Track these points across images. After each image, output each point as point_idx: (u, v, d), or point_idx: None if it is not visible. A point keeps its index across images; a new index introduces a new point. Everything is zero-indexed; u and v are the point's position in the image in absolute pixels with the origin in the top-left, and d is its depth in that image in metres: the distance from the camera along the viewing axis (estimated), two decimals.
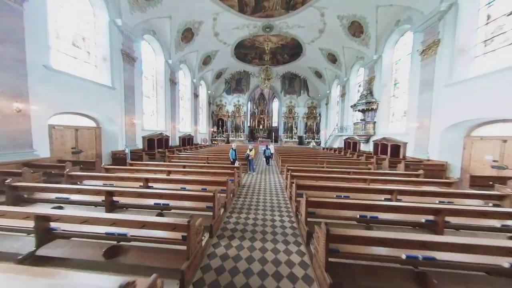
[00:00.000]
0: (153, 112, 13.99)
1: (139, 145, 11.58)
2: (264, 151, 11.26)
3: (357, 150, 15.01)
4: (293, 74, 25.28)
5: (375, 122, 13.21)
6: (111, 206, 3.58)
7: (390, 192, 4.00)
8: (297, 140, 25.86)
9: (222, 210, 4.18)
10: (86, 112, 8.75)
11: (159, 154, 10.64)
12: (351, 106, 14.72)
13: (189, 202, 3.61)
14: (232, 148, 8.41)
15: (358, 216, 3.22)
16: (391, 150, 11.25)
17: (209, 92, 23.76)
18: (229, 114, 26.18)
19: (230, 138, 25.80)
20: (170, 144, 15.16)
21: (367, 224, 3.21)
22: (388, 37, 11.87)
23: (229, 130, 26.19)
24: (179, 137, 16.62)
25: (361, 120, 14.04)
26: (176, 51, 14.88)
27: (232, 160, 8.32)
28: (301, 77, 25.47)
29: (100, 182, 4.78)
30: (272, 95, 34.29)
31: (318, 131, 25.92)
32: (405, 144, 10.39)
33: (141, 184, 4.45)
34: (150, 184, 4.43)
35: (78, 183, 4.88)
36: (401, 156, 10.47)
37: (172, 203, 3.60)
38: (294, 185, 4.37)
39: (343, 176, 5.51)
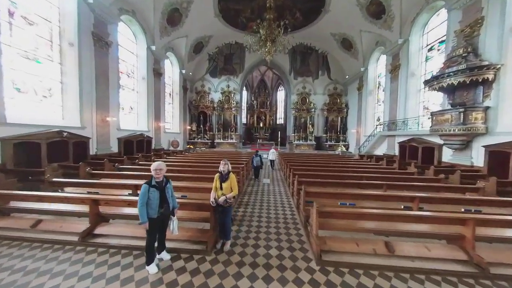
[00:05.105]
0: (51, 92, 8.26)
1: None
2: (252, 159, 8.97)
3: (437, 162, 9.22)
4: (308, 47, 19.66)
5: (487, 108, 7.46)
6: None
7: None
8: (313, 142, 20.02)
9: None
10: None
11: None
12: (425, 82, 8.99)
13: None
14: (149, 184, 2.65)
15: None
16: None
17: (183, 72, 18.11)
18: (215, 106, 20.39)
19: (216, 141, 20.00)
20: (95, 151, 9.47)
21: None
22: None
23: (214, 128, 20.42)
24: (118, 139, 10.89)
25: (451, 106, 8.27)
26: None
27: (146, 223, 2.58)
28: (320, 51, 19.79)
29: None
30: (276, 82, 28.63)
31: (345, 130, 20.08)
32: None
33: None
34: None
35: None
36: None
37: None
38: None
39: None
